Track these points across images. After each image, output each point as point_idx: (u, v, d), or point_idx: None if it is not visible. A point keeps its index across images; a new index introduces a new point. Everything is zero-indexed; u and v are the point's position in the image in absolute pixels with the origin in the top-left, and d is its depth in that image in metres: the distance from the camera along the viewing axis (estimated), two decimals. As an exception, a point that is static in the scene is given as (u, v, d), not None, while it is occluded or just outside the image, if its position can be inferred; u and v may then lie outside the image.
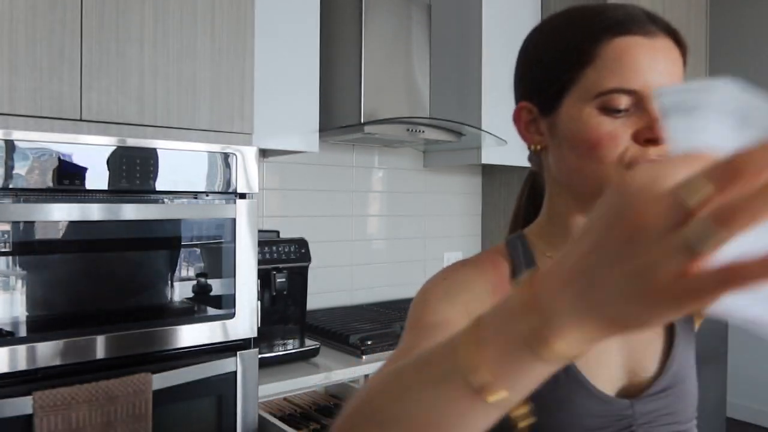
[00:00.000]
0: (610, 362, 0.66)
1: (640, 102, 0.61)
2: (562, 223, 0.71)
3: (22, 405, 1.18)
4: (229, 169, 1.47)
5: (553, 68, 0.65)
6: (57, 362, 1.25)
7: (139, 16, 1.40)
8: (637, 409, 0.64)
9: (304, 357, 1.81)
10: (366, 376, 1.81)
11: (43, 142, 1.23)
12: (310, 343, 1.84)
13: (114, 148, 1.32)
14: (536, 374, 0.36)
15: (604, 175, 0.63)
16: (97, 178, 1.30)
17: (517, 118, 0.71)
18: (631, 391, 0.66)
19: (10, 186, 1.19)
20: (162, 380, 1.34)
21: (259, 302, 1.54)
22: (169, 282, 1.41)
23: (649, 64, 0.61)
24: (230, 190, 1.47)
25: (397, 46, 2.24)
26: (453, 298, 0.65)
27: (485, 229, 2.89)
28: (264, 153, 2.11)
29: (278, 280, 1.82)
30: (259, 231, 1.60)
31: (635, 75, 0.61)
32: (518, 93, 0.72)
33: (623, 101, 0.61)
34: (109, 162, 1.31)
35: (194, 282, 1.45)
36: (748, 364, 3.48)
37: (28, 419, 1.18)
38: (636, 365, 0.67)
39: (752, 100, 0.31)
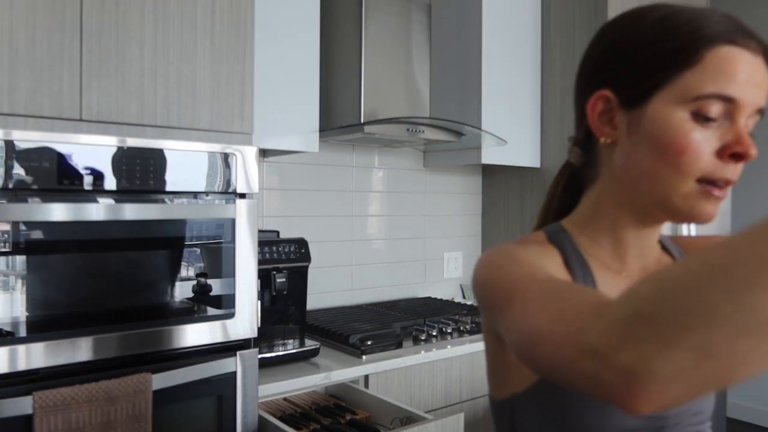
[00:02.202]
0: None
1: (731, 113, 0.61)
2: (608, 222, 0.70)
3: (22, 405, 1.18)
4: (229, 169, 1.47)
5: (650, 63, 0.62)
6: (57, 362, 1.25)
7: (139, 16, 1.40)
8: (669, 411, 0.65)
9: (304, 357, 1.81)
10: (366, 376, 1.81)
11: (43, 142, 1.23)
12: (310, 343, 1.84)
13: (114, 148, 1.32)
14: None
15: (676, 185, 0.62)
16: (97, 178, 1.30)
17: (592, 106, 0.67)
18: None
19: (10, 186, 1.19)
20: (162, 380, 1.34)
21: (259, 302, 1.54)
22: (170, 282, 1.41)
23: (748, 78, 0.60)
24: (230, 190, 1.47)
25: (397, 46, 2.24)
26: (544, 260, 0.64)
27: (485, 229, 2.89)
28: (264, 153, 2.11)
29: (278, 280, 1.82)
30: (259, 231, 1.60)
31: (734, 84, 0.60)
32: (595, 80, 0.68)
33: (717, 109, 0.60)
34: (109, 162, 1.31)
35: (194, 282, 1.45)
36: (748, 364, 3.47)
37: (28, 419, 1.18)
38: None
39: None
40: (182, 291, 1.43)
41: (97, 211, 1.30)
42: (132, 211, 1.34)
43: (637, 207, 0.67)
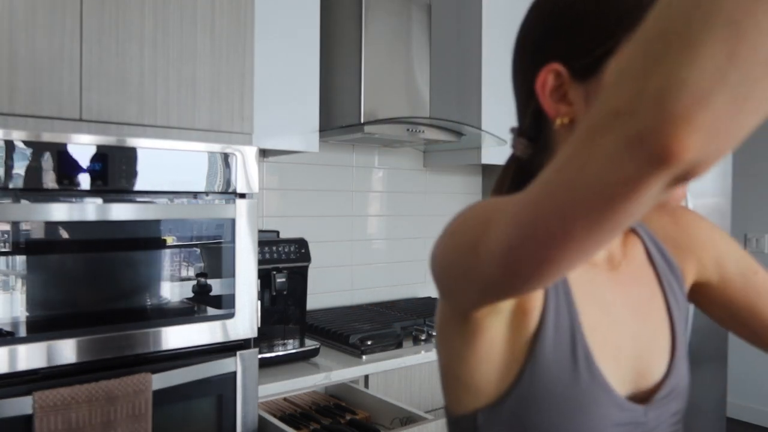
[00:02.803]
0: (622, 363, 0.62)
1: None
2: None
3: (22, 405, 1.18)
4: (229, 169, 1.47)
5: (600, 27, 0.56)
6: (57, 362, 1.25)
7: (139, 16, 1.40)
8: (650, 415, 0.62)
9: (304, 357, 1.81)
10: (366, 376, 1.81)
11: (43, 142, 1.23)
12: (310, 343, 1.84)
13: (114, 148, 1.32)
14: None
15: None
16: (97, 178, 1.30)
17: (542, 83, 0.59)
18: (640, 395, 0.63)
19: (10, 186, 1.19)
20: (162, 380, 1.34)
21: (259, 302, 1.54)
22: (169, 282, 1.41)
23: None
24: (230, 190, 1.47)
25: (397, 46, 2.24)
26: None
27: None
28: (264, 153, 2.11)
29: (278, 280, 1.82)
30: (259, 231, 1.60)
31: None
32: (540, 55, 0.61)
33: None
34: (109, 162, 1.31)
35: (194, 282, 1.45)
36: (748, 364, 3.48)
37: (28, 419, 1.18)
38: (645, 366, 0.64)
39: None
40: (182, 291, 1.43)
41: (97, 211, 1.30)
42: (132, 211, 1.34)
43: None
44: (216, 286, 1.47)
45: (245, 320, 1.50)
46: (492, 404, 0.60)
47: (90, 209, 1.29)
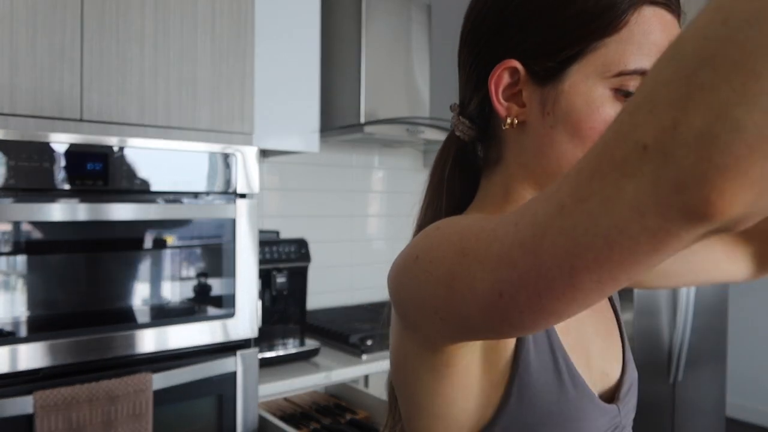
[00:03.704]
0: (592, 365, 0.60)
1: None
2: None
3: (22, 404, 1.18)
4: (229, 169, 1.47)
5: (567, 29, 0.51)
6: (57, 362, 1.25)
7: (140, 16, 1.40)
8: (622, 413, 0.60)
9: (304, 357, 1.81)
10: (366, 376, 1.81)
11: (43, 142, 1.23)
12: (310, 343, 1.85)
13: (114, 148, 1.32)
14: None
15: None
16: (98, 179, 1.30)
17: (496, 79, 0.55)
18: (607, 394, 0.61)
19: (11, 186, 1.19)
20: (162, 380, 1.34)
21: (259, 302, 1.54)
22: (170, 282, 1.42)
23: (665, 44, 0.50)
24: (230, 190, 1.47)
25: (397, 46, 2.24)
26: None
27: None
28: (264, 153, 2.11)
29: (278, 280, 1.82)
30: (259, 231, 1.60)
31: (654, 54, 0.51)
32: (496, 45, 0.56)
33: (636, 84, 0.51)
34: (110, 162, 1.31)
35: (194, 282, 1.45)
36: (747, 364, 3.48)
37: (28, 419, 1.18)
38: (607, 365, 0.63)
39: None
40: (182, 291, 1.43)
41: (98, 211, 1.30)
42: (132, 211, 1.34)
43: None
44: (216, 286, 1.47)
45: (245, 320, 1.50)
46: (484, 428, 0.54)
47: (90, 209, 1.29)
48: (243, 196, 1.49)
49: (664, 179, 0.29)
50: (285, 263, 1.85)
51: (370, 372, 1.80)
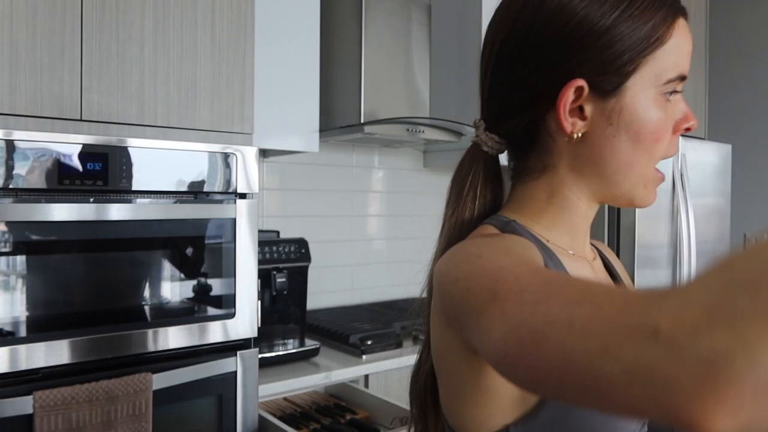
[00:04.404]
0: None
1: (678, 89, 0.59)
2: (567, 212, 0.64)
3: (22, 404, 1.18)
4: (229, 169, 1.47)
5: (627, 45, 0.56)
6: (57, 362, 1.25)
7: (140, 16, 1.40)
8: None
9: (304, 357, 1.81)
10: (366, 376, 1.81)
11: (43, 142, 1.23)
12: (310, 343, 1.85)
13: (114, 148, 1.32)
14: None
15: (647, 173, 0.60)
16: (98, 179, 1.30)
17: (564, 98, 0.58)
18: None
19: (11, 186, 1.19)
20: (162, 380, 1.34)
21: (259, 302, 1.54)
22: (170, 282, 1.42)
23: (690, 49, 0.59)
24: (230, 190, 1.47)
25: (397, 46, 2.24)
26: (529, 251, 0.55)
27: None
28: (264, 153, 2.11)
29: (278, 280, 1.82)
30: (259, 231, 1.60)
31: (688, 59, 0.59)
32: (559, 70, 0.58)
33: (678, 87, 0.59)
34: (110, 162, 1.31)
35: (194, 282, 1.45)
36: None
37: (28, 419, 1.18)
38: None
39: None
40: (182, 291, 1.43)
41: (98, 211, 1.30)
42: (132, 211, 1.34)
43: (598, 196, 0.63)
44: (216, 286, 1.47)
45: (245, 320, 1.50)
46: (525, 417, 0.56)
47: (90, 209, 1.29)
48: (243, 196, 1.49)
49: (661, 369, 0.29)
50: (285, 263, 1.85)
51: (370, 372, 1.80)
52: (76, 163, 1.27)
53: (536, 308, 0.40)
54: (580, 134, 0.59)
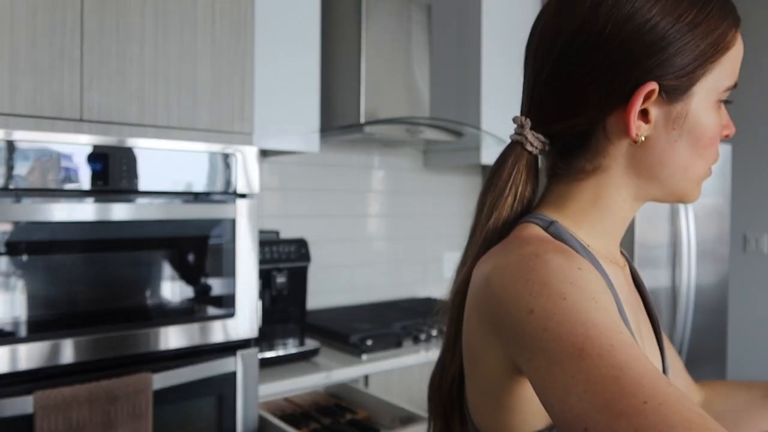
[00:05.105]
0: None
1: None
2: (612, 215, 0.64)
3: (22, 404, 1.18)
4: (229, 169, 1.47)
5: (700, 50, 0.57)
6: (58, 362, 1.25)
7: (140, 16, 1.40)
8: None
9: (304, 357, 1.81)
10: (366, 376, 1.81)
11: (43, 142, 1.23)
12: (310, 343, 1.85)
13: (114, 148, 1.32)
14: None
15: (701, 176, 0.62)
16: (98, 179, 1.30)
17: (634, 101, 0.57)
18: None
19: (11, 186, 1.19)
20: (162, 380, 1.34)
21: (259, 302, 1.54)
22: (170, 282, 1.42)
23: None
24: (230, 190, 1.47)
25: (397, 46, 2.24)
26: (600, 284, 0.52)
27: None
28: (264, 153, 2.11)
29: (278, 280, 1.82)
30: (259, 231, 1.60)
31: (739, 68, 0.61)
32: (630, 71, 0.57)
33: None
34: (110, 162, 1.31)
35: (194, 282, 1.45)
36: (747, 364, 3.48)
37: (28, 419, 1.18)
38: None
39: None
40: (182, 291, 1.43)
41: (98, 211, 1.30)
42: (132, 211, 1.34)
43: (648, 197, 0.64)
44: (216, 286, 1.47)
45: (245, 320, 1.50)
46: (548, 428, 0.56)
47: (90, 209, 1.29)
48: (243, 196, 1.49)
49: None
50: (285, 263, 1.85)
51: (370, 372, 1.80)
52: (77, 163, 1.27)
53: (632, 401, 0.40)
54: (643, 138, 0.59)
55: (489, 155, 2.42)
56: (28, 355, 1.22)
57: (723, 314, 2.65)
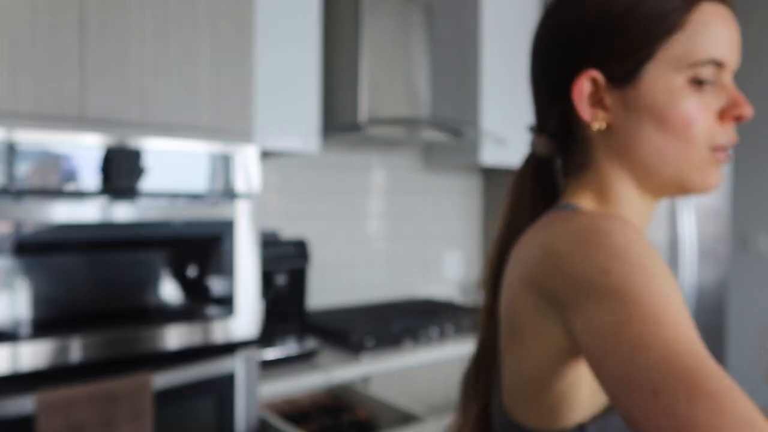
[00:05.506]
0: None
1: (718, 75, 0.59)
2: (620, 207, 0.64)
3: (23, 405, 1.18)
4: (230, 169, 1.47)
5: (636, 33, 0.58)
6: (58, 362, 1.25)
7: (141, 16, 1.40)
8: None
9: (304, 357, 1.81)
10: (366, 376, 1.81)
11: (44, 141, 1.23)
12: (310, 343, 1.85)
13: (115, 148, 1.32)
14: None
15: (689, 158, 0.59)
16: (98, 178, 1.30)
17: (579, 90, 0.61)
18: None
19: (12, 186, 1.19)
20: (162, 380, 1.34)
21: (259, 302, 1.54)
22: (170, 282, 1.42)
23: (730, 35, 0.59)
24: (230, 191, 1.47)
25: (396, 46, 2.24)
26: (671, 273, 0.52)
27: (485, 230, 2.89)
28: (264, 153, 2.11)
29: (278, 280, 1.82)
30: (260, 231, 1.60)
31: (722, 44, 0.58)
32: (574, 60, 0.61)
33: (710, 73, 0.58)
34: (110, 162, 1.31)
35: (194, 282, 1.45)
36: (747, 364, 3.48)
37: (29, 419, 1.18)
38: None
39: None
40: (182, 291, 1.43)
41: (98, 211, 1.30)
42: (132, 212, 1.34)
43: (647, 186, 0.63)
44: (216, 286, 1.47)
45: (245, 320, 1.51)
46: (603, 413, 0.56)
47: (91, 209, 1.29)
48: (243, 196, 1.49)
49: None
50: (285, 263, 1.85)
51: (370, 372, 1.80)
52: (77, 163, 1.27)
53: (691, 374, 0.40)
54: (604, 124, 0.61)
55: (489, 155, 2.42)
56: (28, 356, 1.22)
57: (723, 314, 2.65)
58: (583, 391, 0.56)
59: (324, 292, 2.37)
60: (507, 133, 2.43)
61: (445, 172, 2.78)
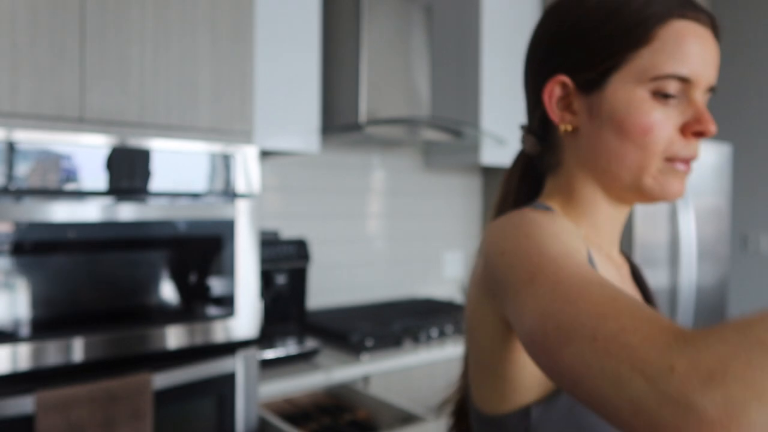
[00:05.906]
0: None
1: (686, 91, 0.61)
2: (583, 206, 0.67)
3: (23, 405, 1.18)
4: (229, 169, 1.47)
5: (603, 45, 0.62)
6: (58, 362, 1.25)
7: (140, 16, 1.40)
8: None
9: (304, 357, 1.81)
10: (366, 376, 1.81)
11: (44, 142, 1.23)
12: (310, 343, 1.85)
13: (115, 148, 1.32)
14: None
15: (646, 165, 0.61)
16: (98, 179, 1.30)
17: (549, 93, 0.65)
18: None
19: (11, 186, 1.20)
20: (162, 380, 1.34)
21: (259, 302, 1.54)
22: (170, 282, 1.42)
23: (701, 53, 0.60)
24: (230, 191, 1.47)
25: (397, 46, 2.24)
26: (576, 241, 0.56)
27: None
28: (264, 153, 2.11)
29: (278, 280, 1.82)
30: (260, 231, 1.60)
31: (689, 62, 0.60)
32: (548, 65, 0.66)
33: (675, 87, 0.60)
34: (110, 162, 1.31)
35: (194, 282, 1.45)
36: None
37: (29, 419, 1.18)
38: None
39: None
40: (182, 291, 1.43)
41: (98, 211, 1.30)
42: (132, 212, 1.34)
43: (609, 190, 0.66)
44: (216, 286, 1.47)
45: (245, 320, 1.51)
46: (547, 397, 0.58)
47: (90, 209, 1.29)
48: (243, 196, 1.49)
49: (668, 409, 0.33)
50: (285, 263, 1.85)
51: (370, 372, 1.80)
52: (77, 163, 1.27)
53: (566, 306, 0.44)
54: (570, 127, 0.65)
55: (489, 155, 2.42)
56: (28, 356, 1.22)
57: (723, 314, 2.65)
58: (526, 375, 0.59)
59: (324, 292, 2.37)
60: (507, 133, 2.43)
61: (445, 172, 2.78)
